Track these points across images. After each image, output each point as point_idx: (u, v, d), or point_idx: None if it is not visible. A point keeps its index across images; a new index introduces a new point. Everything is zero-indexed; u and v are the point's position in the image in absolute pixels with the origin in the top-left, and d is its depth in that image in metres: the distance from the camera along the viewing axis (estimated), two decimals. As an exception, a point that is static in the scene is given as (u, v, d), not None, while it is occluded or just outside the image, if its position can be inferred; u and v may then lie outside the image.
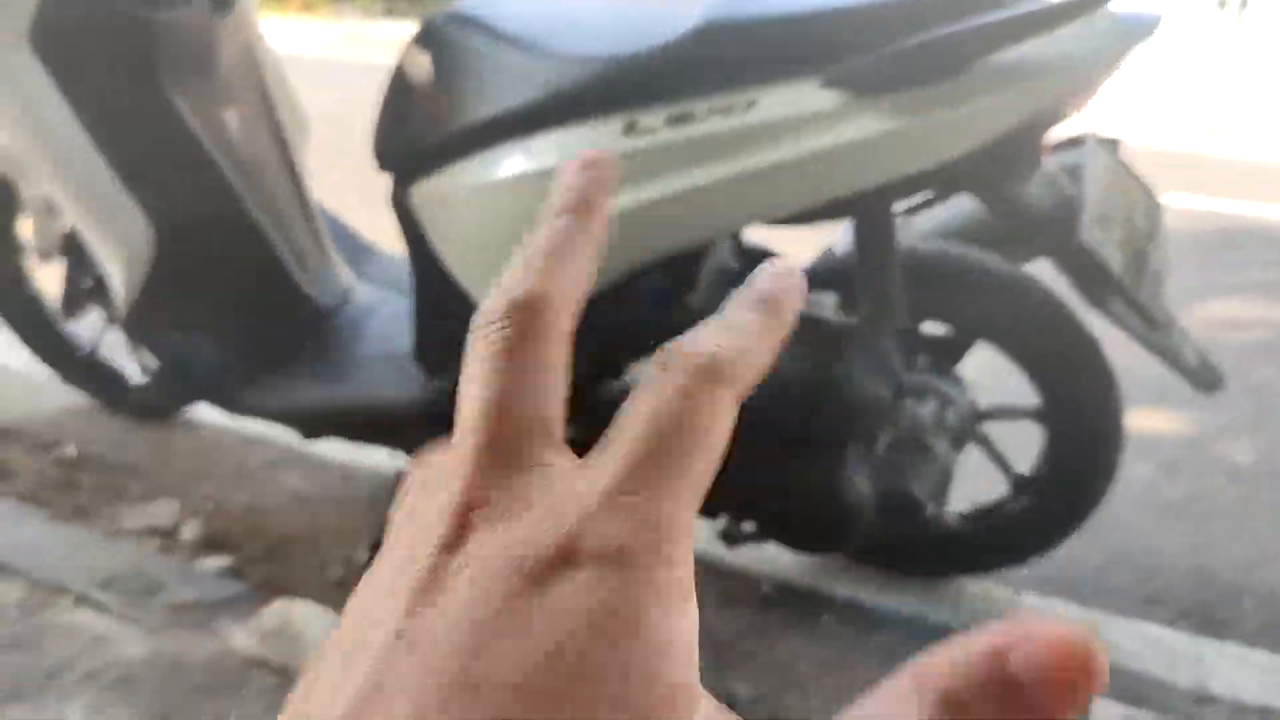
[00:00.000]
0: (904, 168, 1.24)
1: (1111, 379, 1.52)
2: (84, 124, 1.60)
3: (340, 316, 1.94)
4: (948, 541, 1.71)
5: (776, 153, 1.24)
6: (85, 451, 2.05)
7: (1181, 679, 1.55)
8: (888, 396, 1.36)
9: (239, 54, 1.84)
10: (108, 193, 1.64)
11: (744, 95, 1.26)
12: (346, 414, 1.68)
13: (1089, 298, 1.38)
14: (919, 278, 1.48)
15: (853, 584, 1.74)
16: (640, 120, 1.30)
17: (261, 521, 1.86)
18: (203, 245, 1.78)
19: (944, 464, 1.55)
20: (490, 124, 1.40)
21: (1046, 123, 1.29)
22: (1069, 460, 1.58)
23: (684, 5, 1.33)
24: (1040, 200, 1.40)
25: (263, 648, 1.37)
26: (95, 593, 1.47)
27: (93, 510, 1.86)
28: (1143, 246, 1.45)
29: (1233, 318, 3.19)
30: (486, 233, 1.43)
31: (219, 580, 1.57)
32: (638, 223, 1.33)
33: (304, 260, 1.94)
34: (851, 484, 1.42)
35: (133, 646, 1.36)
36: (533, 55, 1.37)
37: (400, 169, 1.52)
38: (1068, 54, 1.23)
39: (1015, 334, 1.53)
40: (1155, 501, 2.08)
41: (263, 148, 1.89)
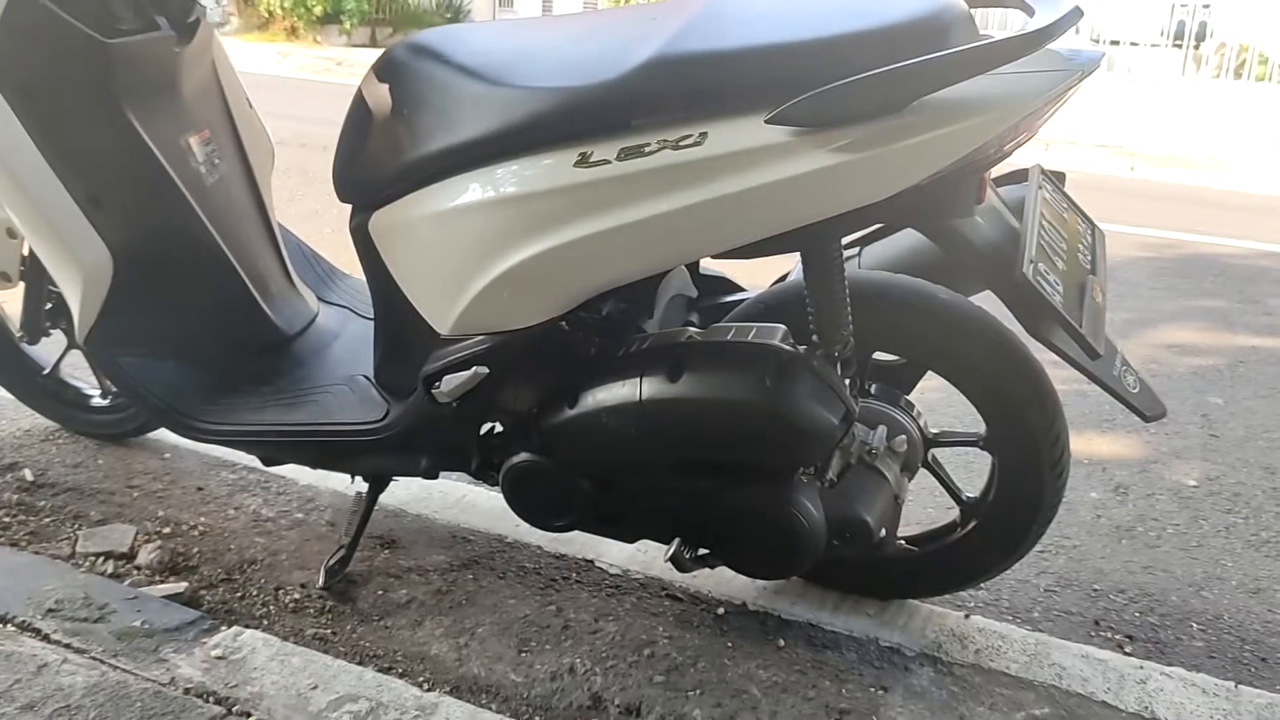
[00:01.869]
0: (846, 203, 1.27)
1: (1056, 407, 1.55)
2: (41, 148, 1.61)
3: (302, 340, 1.95)
4: (900, 565, 1.74)
5: (724, 186, 1.27)
6: (44, 474, 2.05)
7: (1127, 702, 1.58)
8: (836, 424, 1.38)
9: (201, 80, 1.86)
10: (65, 216, 1.65)
11: (694, 129, 1.28)
12: (307, 438, 1.69)
13: (1030, 329, 1.41)
14: (868, 308, 1.50)
15: (808, 606, 1.76)
16: (593, 152, 1.32)
17: (221, 545, 1.86)
18: (162, 268, 1.78)
19: (895, 490, 1.57)
20: (446, 154, 1.41)
21: (989, 159, 1.31)
22: (1016, 485, 1.61)
23: (639, 40, 1.36)
24: (983, 233, 1.43)
25: (209, 677, 1.38)
26: (39, 620, 1.47)
27: (49, 534, 1.86)
28: (1083, 279, 1.48)
29: (1182, 344, 3.25)
30: (442, 261, 1.45)
31: (169, 607, 1.57)
32: (591, 253, 1.35)
33: (266, 284, 1.95)
34: (803, 510, 1.44)
35: (74, 676, 1.36)
36: (489, 86, 1.39)
37: (359, 198, 1.54)
38: (1010, 91, 1.25)
39: (960, 363, 1.56)
40: (1103, 525, 2.12)
41: (225, 172, 1.90)
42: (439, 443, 1.63)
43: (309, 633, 1.64)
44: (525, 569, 1.85)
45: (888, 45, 1.24)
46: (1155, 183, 6.11)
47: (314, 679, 1.39)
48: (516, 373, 1.53)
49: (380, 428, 1.63)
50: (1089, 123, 6.75)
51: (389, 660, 1.59)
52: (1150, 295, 3.73)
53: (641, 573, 1.85)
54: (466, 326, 1.47)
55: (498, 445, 1.62)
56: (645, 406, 1.41)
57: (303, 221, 3.62)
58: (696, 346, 1.42)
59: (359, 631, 1.66)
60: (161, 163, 1.73)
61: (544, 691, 1.55)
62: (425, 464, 1.66)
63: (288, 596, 1.73)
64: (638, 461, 1.52)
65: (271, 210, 2.01)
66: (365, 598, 1.74)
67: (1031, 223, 1.42)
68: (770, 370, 1.36)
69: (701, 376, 1.40)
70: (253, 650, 1.43)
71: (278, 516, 1.97)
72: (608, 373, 1.46)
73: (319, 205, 4.17)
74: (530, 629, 1.68)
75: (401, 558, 1.86)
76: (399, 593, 1.76)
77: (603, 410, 1.44)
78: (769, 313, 1.55)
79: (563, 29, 1.60)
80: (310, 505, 2.02)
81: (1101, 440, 2.49)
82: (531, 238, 1.36)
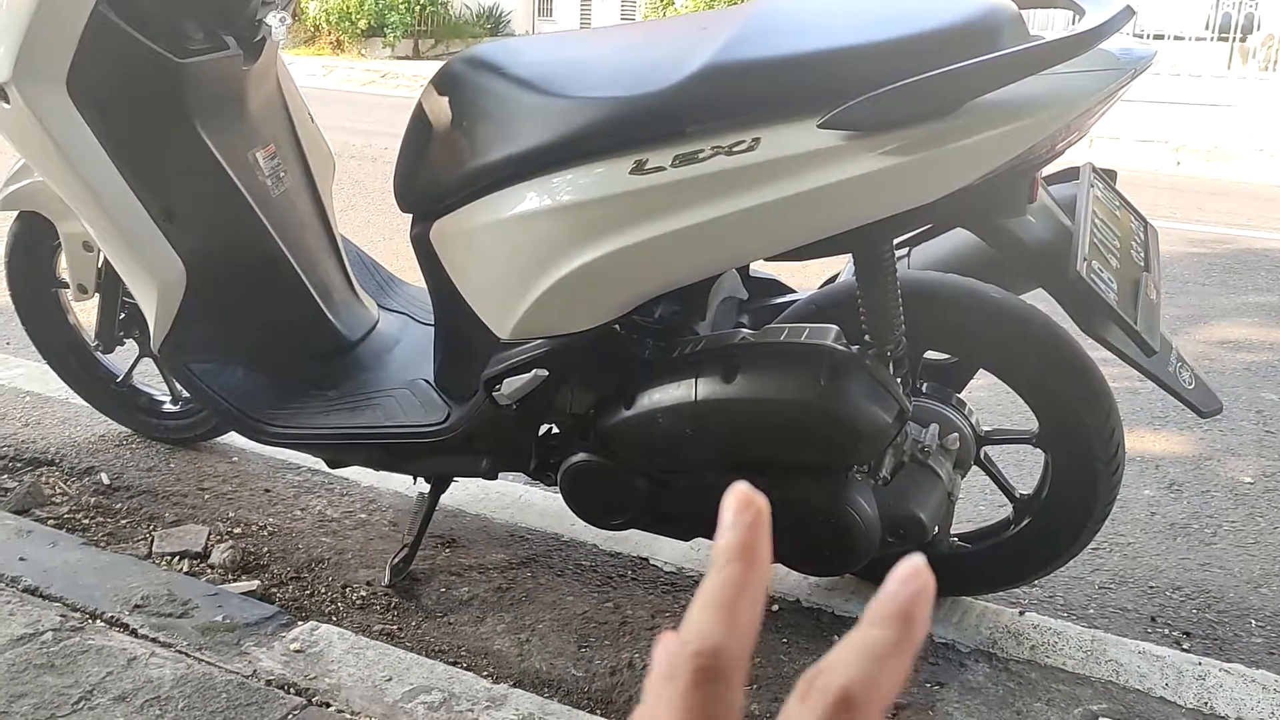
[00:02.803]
0: (899, 204, 1.30)
1: (1110, 403, 1.56)
2: (117, 164, 1.68)
3: (364, 346, 2.01)
4: (954, 562, 1.76)
5: (777, 191, 1.30)
6: (120, 478, 2.13)
7: (1186, 698, 1.58)
8: (889, 422, 1.41)
9: (267, 95, 1.93)
10: (141, 229, 1.71)
11: (747, 134, 1.32)
12: (370, 441, 1.74)
13: (1085, 327, 1.42)
14: (919, 307, 1.52)
15: (861, 603, 1.78)
16: (648, 159, 1.36)
17: (289, 545, 1.92)
18: (232, 278, 1.85)
19: (948, 487, 1.59)
20: (505, 163, 1.46)
21: (1040, 159, 1.34)
22: (1070, 483, 1.62)
23: (691, 49, 1.39)
24: (1035, 232, 1.45)
25: (288, 669, 1.43)
26: (127, 616, 1.53)
27: (127, 535, 1.93)
28: (1137, 276, 1.49)
29: (1235, 340, 3.22)
30: (502, 268, 1.50)
31: (247, 603, 1.63)
32: (647, 258, 1.39)
33: (329, 292, 2.01)
34: (857, 508, 1.46)
35: (163, 668, 1.42)
36: (546, 97, 1.44)
37: (420, 208, 1.59)
38: (1061, 91, 1.27)
39: (1013, 361, 1.58)
40: (1158, 522, 2.12)
41: (290, 184, 1.96)
42: (499, 444, 1.68)
43: (376, 628, 1.69)
44: (582, 567, 1.89)
45: (938, 49, 1.26)
46: (1202, 178, 6.04)
47: (388, 671, 1.44)
48: (574, 375, 1.57)
49: (442, 430, 1.67)
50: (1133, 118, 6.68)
51: (454, 655, 1.64)
52: (1201, 291, 3.69)
53: (696, 570, 1.88)
54: (526, 331, 1.51)
55: (555, 446, 1.66)
56: (700, 407, 1.44)
57: (356, 231, 3.70)
58: (750, 347, 1.45)
59: (424, 627, 1.71)
60: (231, 177, 1.79)
61: (604, 686, 1.58)
62: (485, 465, 1.71)
63: (354, 594, 1.78)
64: (693, 461, 1.55)
65: (333, 220, 2.08)
66: (429, 595, 1.79)
67: (1084, 221, 1.44)
68: (824, 370, 1.39)
69: (755, 377, 1.43)
70: (329, 644, 1.48)
71: (342, 517, 2.03)
72: (663, 374, 1.49)
73: (371, 215, 4.25)
74: (589, 625, 1.72)
75: (462, 556, 1.91)
76: (461, 590, 1.81)
77: (658, 411, 1.48)
78: (820, 314, 1.58)
79: (615, 40, 1.64)
80: (373, 506, 2.07)
81: (1155, 437, 2.48)
82: (589, 244, 1.40)
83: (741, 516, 0.29)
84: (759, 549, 0.29)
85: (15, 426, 2.30)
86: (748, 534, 0.29)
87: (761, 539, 0.29)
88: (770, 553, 0.29)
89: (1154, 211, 4.42)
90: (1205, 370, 2.91)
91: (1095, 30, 1.21)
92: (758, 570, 0.29)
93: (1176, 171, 6.19)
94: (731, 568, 0.28)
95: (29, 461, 2.16)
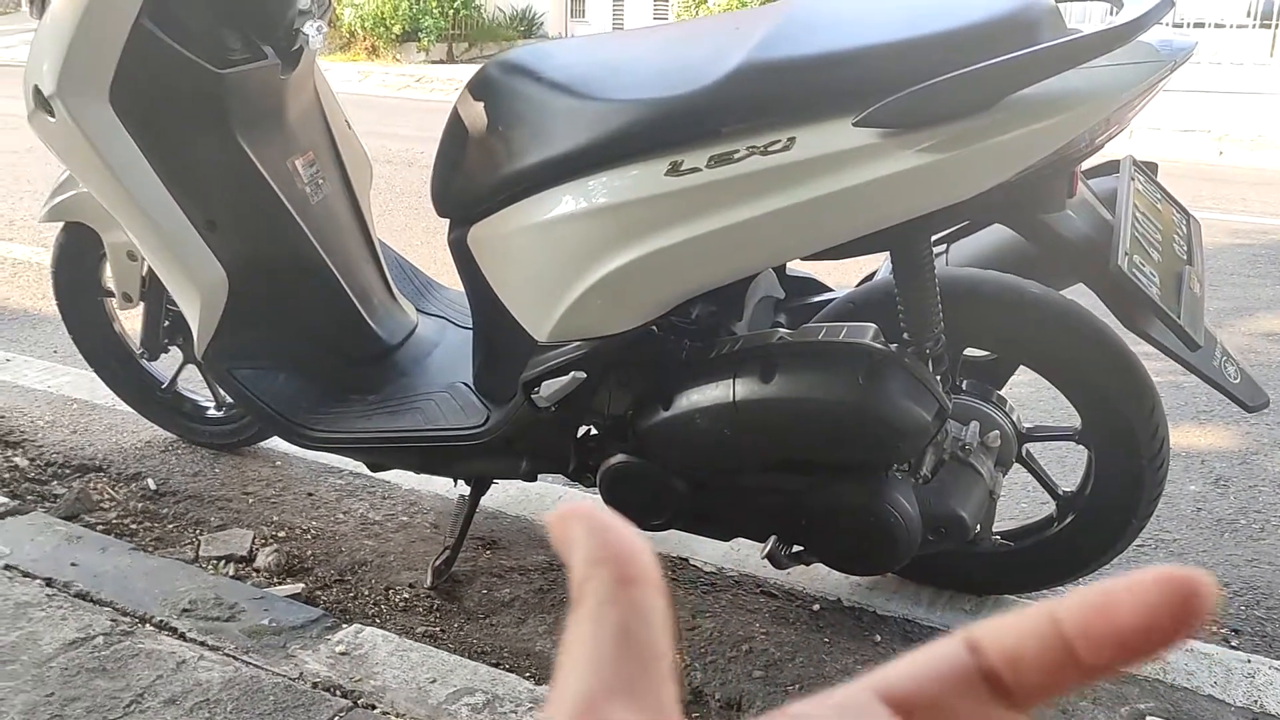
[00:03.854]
0: (937, 201, 1.29)
1: (1154, 398, 1.54)
2: (160, 175, 1.71)
3: (404, 350, 2.03)
4: (997, 560, 1.74)
5: (814, 189, 1.30)
6: (166, 484, 2.16)
7: (1235, 697, 1.56)
8: (929, 420, 1.40)
9: (304, 103, 1.95)
10: (184, 238, 1.74)
11: (782, 134, 1.31)
12: (411, 444, 1.75)
13: (1127, 322, 1.41)
14: (958, 304, 1.51)
15: (903, 602, 1.78)
16: (684, 160, 1.36)
17: (332, 548, 1.94)
18: (273, 285, 1.88)
19: (990, 485, 1.58)
20: (541, 167, 1.47)
21: (1079, 153, 1.32)
22: (1114, 479, 1.60)
23: (725, 50, 1.39)
24: (1075, 227, 1.44)
25: (334, 671, 1.45)
26: (176, 620, 1.56)
27: (174, 539, 1.96)
28: (1180, 270, 1.48)
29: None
30: (539, 271, 1.50)
31: (292, 605, 1.65)
32: (683, 259, 1.39)
33: (369, 297, 2.03)
34: (898, 506, 1.46)
35: (211, 671, 1.44)
36: (581, 101, 1.44)
37: (457, 213, 1.60)
38: (1100, 85, 1.26)
39: (1054, 357, 1.56)
40: (1205, 518, 2.09)
41: (329, 191, 1.99)
42: (538, 446, 1.69)
43: (419, 630, 1.70)
44: (623, 568, 1.89)
45: (975, 44, 1.26)
46: (1246, 167, 5.94)
47: (432, 673, 1.45)
48: (612, 377, 1.57)
49: (481, 432, 1.68)
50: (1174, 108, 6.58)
51: (496, 656, 1.65)
52: (1245, 283, 3.63)
53: (736, 570, 1.88)
54: (563, 333, 1.52)
55: (594, 447, 1.66)
56: (739, 407, 1.44)
57: (394, 235, 3.72)
58: (788, 347, 1.45)
59: (466, 629, 1.72)
60: (271, 185, 1.81)
61: (646, 686, 1.58)
62: (525, 467, 1.72)
63: (397, 596, 1.80)
64: (732, 461, 1.55)
65: (372, 226, 2.10)
66: (470, 596, 1.81)
67: (1125, 215, 1.42)
68: (863, 368, 1.39)
69: (794, 376, 1.43)
70: (373, 646, 1.50)
71: (384, 520, 2.05)
72: (700, 375, 1.49)
73: (409, 219, 4.29)
74: (630, 626, 1.72)
75: (503, 558, 1.92)
76: (502, 591, 1.82)
77: (696, 411, 1.48)
78: (858, 312, 1.57)
79: (649, 41, 1.65)
80: (414, 509, 2.09)
81: (1199, 432, 2.44)
82: (625, 246, 1.41)
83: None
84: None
85: (64, 433, 2.35)
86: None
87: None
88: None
89: (1197, 202, 4.36)
90: (1250, 364, 2.86)
91: (1134, 23, 1.20)
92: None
93: (1219, 161, 6.10)
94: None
95: (77, 468, 2.20)
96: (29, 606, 1.54)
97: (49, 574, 1.65)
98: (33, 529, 1.78)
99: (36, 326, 3.05)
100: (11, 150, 5.32)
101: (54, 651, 1.45)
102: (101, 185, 1.70)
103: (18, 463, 2.20)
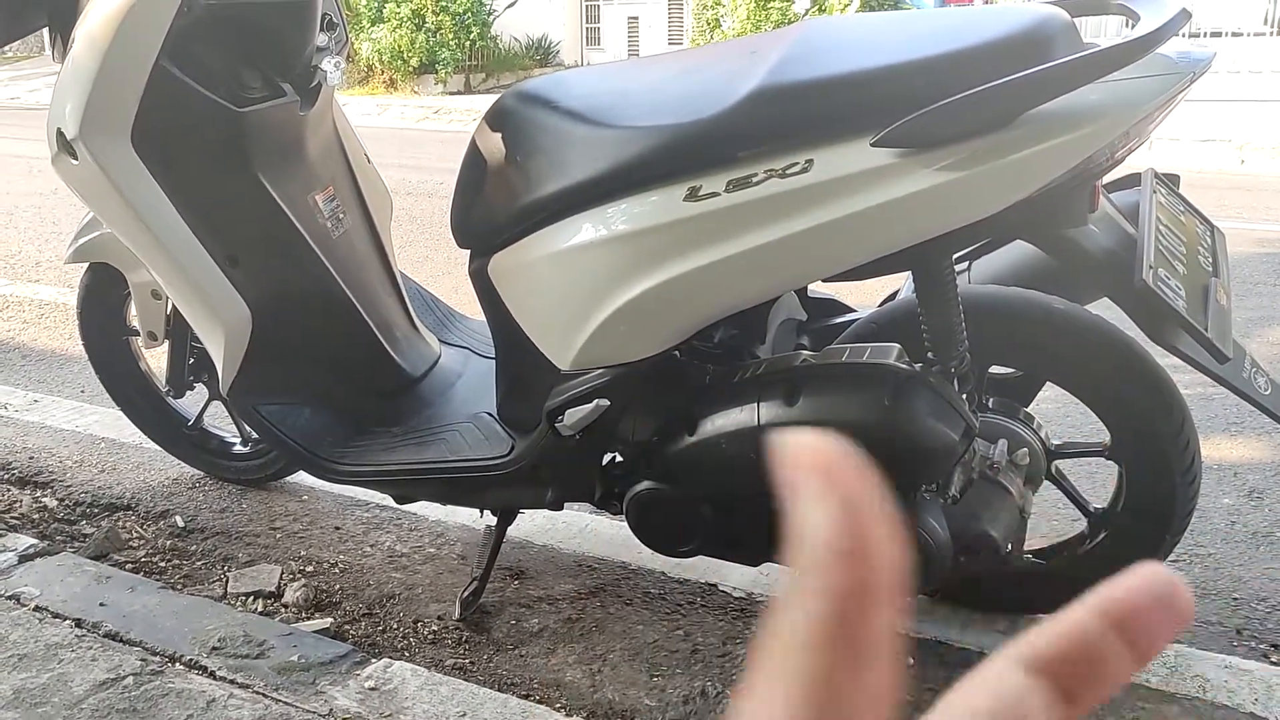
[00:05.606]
0: (957, 219, 1.28)
1: (1184, 411, 1.52)
2: (182, 213, 1.72)
3: (427, 382, 2.03)
4: (1029, 579, 1.72)
5: (833, 211, 1.29)
6: (194, 520, 2.17)
7: (1277, 713, 1.53)
8: (957, 440, 1.39)
9: (324, 139, 1.97)
10: (206, 275, 1.75)
11: (800, 156, 1.31)
12: (436, 476, 1.75)
13: (1153, 336, 1.39)
14: (982, 321, 1.50)
15: (936, 624, 1.75)
16: (702, 185, 1.36)
17: (360, 581, 1.94)
18: (296, 320, 1.89)
19: (1020, 503, 1.56)
20: (560, 196, 1.47)
21: (1100, 167, 1.31)
22: (1146, 494, 1.58)
23: (740, 74, 1.39)
24: (1098, 241, 1.43)
25: (364, 707, 1.44)
26: (205, 658, 1.56)
27: (202, 576, 1.97)
28: (1206, 281, 1.46)
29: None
30: (561, 299, 1.50)
31: (321, 641, 1.64)
32: (704, 284, 1.39)
33: (391, 330, 2.04)
34: (927, 528, 1.44)
35: (241, 710, 1.44)
36: (597, 128, 1.45)
37: (477, 243, 1.61)
38: (1119, 99, 1.25)
39: (1081, 373, 1.55)
40: (1239, 531, 2.06)
41: (349, 225, 2.00)
42: (563, 474, 1.68)
43: (449, 663, 1.70)
44: (651, 595, 1.88)
45: (991, 62, 1.25)
46: (1268, 175, 5.89)
47: (462, 707, 1.44)
48: (636, 403, 1.57)
49: (506, 462, 1.68)
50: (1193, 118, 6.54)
51: (526, 688, 1.64)
52: (1272, 293, 3.59)
53: (765, 595, 1.86)
54: (586, 361, 1.51)
55: (620, 475, 1.66)
56: (764, 430, 1.43)
57: (415, 266, 3.74)
58: (812, 369, 1.44)
59: (495, 660, 1.71)
60: (292, 221, 1.83)
61: (678, 715, 1.57)
62: (551, 496, 1.71)
63: (426, 629, 1.80)
64: (759, 485, 1.53)
65: (393, 258, 2.11)
66: (499, 627, 1.80)
67: (1148, 227, 1.41)
68: (888, 389, 1.37)
69: (819, 398, 1.42)
70: (403, 681, 1.49)
71: (411, 552, 2.05)
72: (725, 399, 1.49)
73: (429, 250, 4.31)
74: (660, 654, 1.71)
75: (531, 587, 1.91)
76: (531, 622, 1.81)
77: (722, 436, 1.47)
78: (881, 332, 1.56)
79: (664, 67, 1.65)
80: (441, 540, 2.09)
81: (1231, 444, 2.41)
82: (646, 272, 1.41)
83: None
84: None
85: (92, 473, 2.36)
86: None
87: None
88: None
89: (1220, 212, 4.32)
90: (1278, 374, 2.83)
91: (1151, 35, 1.19)
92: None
93: (1241, 170, 6.05)
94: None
95: (105, 507, 2.21)
96: (59, 648, 1.55)
97: (78, 614, 1.65)
98: (62, 570, 1.79)
99: (64, 367, 3.08)
100: (38, 193, 5.40)
101: (84, 693, 1.45)
102: (124, 225, 1.72)
103: (47, 503, 2.22)
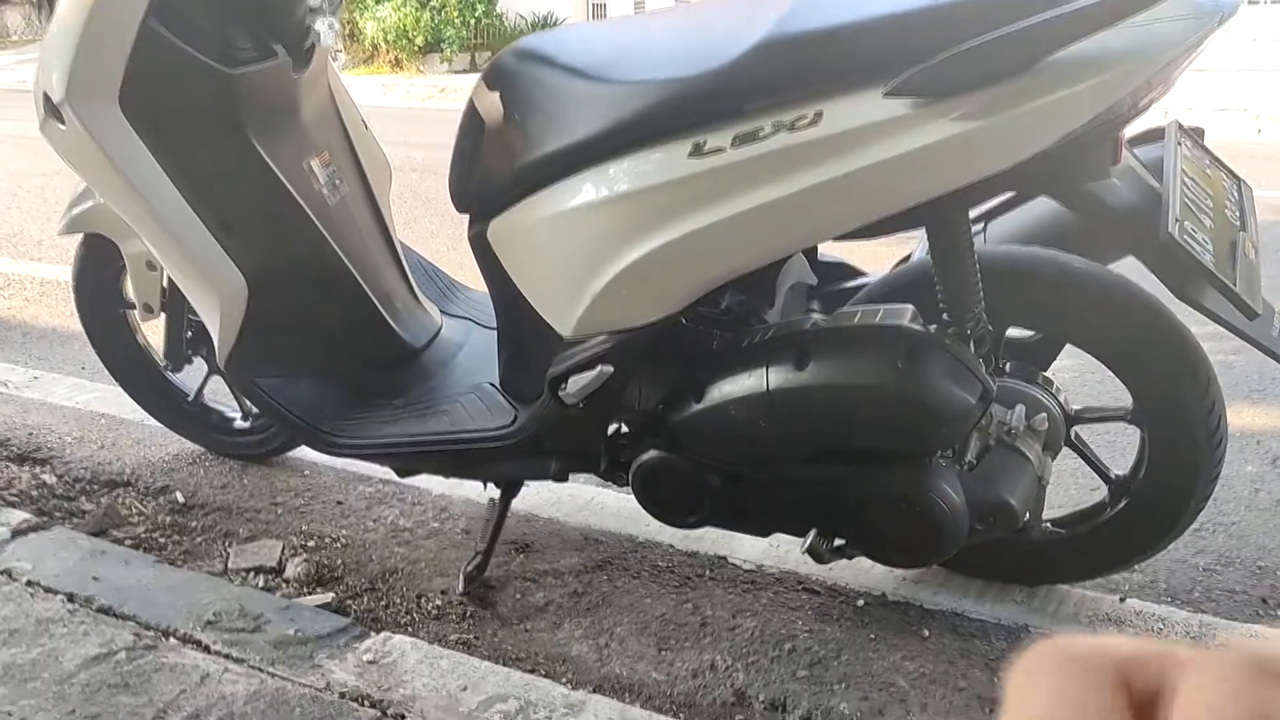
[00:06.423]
0: (975, 172, 1.23)
1: (1210, 374, 1.47)
2: (174, 179, 1.68)
3: (429, 353, 1.99)
4: (1048, 548, 1.67)
5: (844, 165, 1.24)
6: (194, 496, 2.13)
7: (1305, 683, 1.48)
8: (973, 404, 1.34)
9: (319, 103, 1.91)
10: (200, 244, 1.71)
11: (809, 109, 1.26)
12: (439, 448, 1.71)
13: (1179, 293, 1.34)
14: (999, 282, 1.45)
15: (951, 595, 1.71)
16: (707, 141, 1.30)
17: (362, 556, 1.91)
18: (293, 290, 1.84)
19: (1038, 470, 1.51)
20: (560, 155, 1.42)
21: (1122, 117, 1.25)
22: (1169, 460, 1.53)
23: (745, 26, 1.34)
24: (1122, 195, 1.37)
25: (362, 681, 1.40)
26: (200, 633, 1.52)
27: (203, 552, 1.93)
28: (1234, 236, 1.40)
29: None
30: (562, 263, 1.46)
31: (319, 615, 1.61)
32: (710, 244, 1.34)
33: (391, 300, 1.99)
34: (943, 495, 1.40)
35: (236, 684, 1.40)
36: (597, 84, 1.39)
37: (476, 207, 1.56)
38: (1141, 44, 1.20)
39: (1102, 335, 1.49)
40: (1264, 499, 2.00)
41: (347, 192, 1.95)
42: (568, 445, 1.64)
43: (452, 638, 1.66)
44: (659, 568, 1.84)
45: (1007, 6, 1.19)
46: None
47: (463, 680, 1.40)
48: (641, 370, 1.52)
49: (509, 433, 1.64)
50: (1209, 86, 6.43)
51: (531, 662, 1.60)
52: (1295, 259, 3.52)
53: (776, 567, 1.82)
54: (589, 327, 1.47)
55: (625, 445, 1.61)
56: (773, 397, 1.39)
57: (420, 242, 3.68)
58: (822, 332, 1.39)
59: (500, 635, 1.68)
60: (287, 187, 1.78)
61: (687, 689, 1.53)
62: (555, 467, 1.67)
63: (429, 603, 1.76)
64: (768, 453, 1.50)
65: (392, 227, 2.06)
66: (504, 602, 1.76)
67: (1173, 181, 1.35)
68: (901, 352, 1.33)
69: (829, 362, 1.37)
70: (402, 654, 1.45)
71: (414, 526, 2.01)
72: (732, 365, 1.44)
73: (434, 226, 4.26)
74: (668, 627, 1.67)
75: (536, 561, 1.87)
76: (536, 596, 1.77)
77: (730, 403, 1.42)
78: (894, 295, 1.51)
79: (666, 21, 1.59)
80: (444, 514, 2.05)
81: (1254, 411, 2.35)
82: (649, 233, 1.36)
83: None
84: None
85: (92, 449, 2.33)
86: None
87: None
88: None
89: (1237, 179, 4.23)
90: (1304, 339, 2.76)
91: (1177, -25, 1.13)
92: None
93: (1258, 139, 5.96)
94: None
95: (105, 483, 2.18)
96: (50, 623, 1.51)
97: (71, 589, 1.62)
98: (55, 544, 1.75)
99: (64, 344, 3.04)
100: (40, 173, 5.36)
101: (75, 668, 1.41)
102: (114, 191, 1.67)
103: (46, 480, 2.18)
